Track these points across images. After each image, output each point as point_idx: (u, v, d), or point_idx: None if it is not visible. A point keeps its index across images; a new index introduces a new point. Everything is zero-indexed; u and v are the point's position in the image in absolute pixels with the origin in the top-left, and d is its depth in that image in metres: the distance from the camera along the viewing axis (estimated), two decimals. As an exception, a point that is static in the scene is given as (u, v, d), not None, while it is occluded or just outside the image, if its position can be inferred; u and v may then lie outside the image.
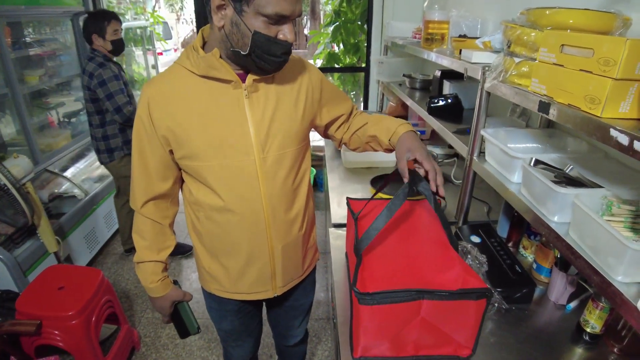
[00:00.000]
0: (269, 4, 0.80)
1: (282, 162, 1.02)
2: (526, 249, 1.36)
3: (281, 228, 1.08)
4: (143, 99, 0.95)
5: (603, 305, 0.98)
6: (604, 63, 0.70)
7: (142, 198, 1.05)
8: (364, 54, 3.55)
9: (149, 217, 1.07)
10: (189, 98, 0.94)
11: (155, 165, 1.00)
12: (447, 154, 2.20)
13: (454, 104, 1.74)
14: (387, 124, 1.09)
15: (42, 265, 2.11)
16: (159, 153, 0.99)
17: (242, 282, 1.13)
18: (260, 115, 0.97)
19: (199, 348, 2.10)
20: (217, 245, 1.09)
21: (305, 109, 1.05)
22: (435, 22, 1.80)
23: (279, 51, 0.87)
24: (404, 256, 0.96)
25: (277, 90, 1.00)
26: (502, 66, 1.04)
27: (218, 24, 0.86)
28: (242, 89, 0.95)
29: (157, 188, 1.04)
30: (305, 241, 1.19)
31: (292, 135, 1.02)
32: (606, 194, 0.85)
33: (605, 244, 0.74)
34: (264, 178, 1.00)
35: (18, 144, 2.58)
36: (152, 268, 1.10)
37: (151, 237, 1.09)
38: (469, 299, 0.82)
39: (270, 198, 1.02)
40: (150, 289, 1.12)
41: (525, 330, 1.06)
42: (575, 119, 0.76)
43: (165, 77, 0.97)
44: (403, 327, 0.86)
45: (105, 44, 2.25)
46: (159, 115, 0.94)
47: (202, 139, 0.95)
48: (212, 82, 0.94)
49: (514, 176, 1.08)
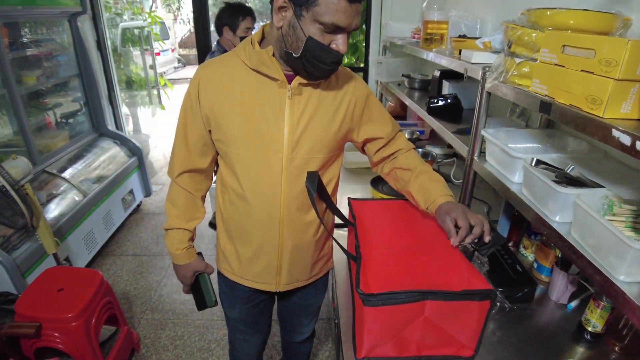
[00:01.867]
0: (328, 13, 0.83)
1: (307, 166, 1.04)
2: (527, 248, 1.37)
3: (295, 229, 1.10)
4: (195, 78, 1.01)
5: (604, 305, 0.98)
6: (605, 64, 0.70)
7: (179, 168, 1.11)
8: (362, 54, 3.55)
9: (184, 187, 1.13)
10: (236, 86, 0.98)
11: (195, 141, 1.06)
12: (446, 153, 2.20)
13: (454, 104, 1.75)
14: (429, 187, 1.05)
15: (41, 267, 2.10)
16: (200, 130, 1.04)
17: (250, 270, 1.17)
18: (298, 117, 0.99)
19: (199, 349, 2.09)
20: (233, 229, 1.14)
21: (343, 121, 1.06)
22: (435, 22, 1.81)
23: (329, 59, 0.90)
24: (408, 256, 0.96)
25: (320, 97, 1.01)
26: (503, 66, 1.05)
27: (277, 24, 0.90)
28: (286, 89, 0.98)
29: (194, 162, 1.10)
30: (319, 248, 1.20)
31: (323, 143, 1.04)
32: (607, 193, 0.86)
33: (607, 243, 0.74)
34: (287, 177, 1.03)
35: (16, 145, 2.56)
36: (180, 236, 1.15)
37: (183, 206, 1.15)
38: (472, 300, 0.82)
39: (289, 197, 1.05)
40: (175, 255, 1.17)
41: (526, 329, 1.07)
42: (576, 119, 0.77)
43: (219, 61, 1.02)
44: (406, 327, 0.86)
45: (234, 39, 2.17)
46: (206, 96, 0.99)
47: (238, 127, 0.99)
48: (261, 77, 0.97)
49: (515, 176, 1.08)
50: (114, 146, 3.29)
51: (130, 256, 2.90)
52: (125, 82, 4.66)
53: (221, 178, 1.12)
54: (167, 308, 2.38)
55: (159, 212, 3.54)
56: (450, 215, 0.95)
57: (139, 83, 4.79)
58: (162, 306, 2.40)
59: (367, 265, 0.93)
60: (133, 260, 2.85)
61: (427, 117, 1.80)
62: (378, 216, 1.13)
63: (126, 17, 4.61)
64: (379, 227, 1.08)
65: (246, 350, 1.44)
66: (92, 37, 3.23)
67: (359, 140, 1.15)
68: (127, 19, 4.66)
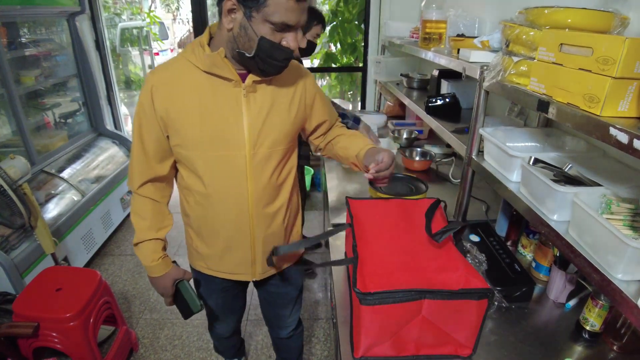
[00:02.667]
0: (277, 12, 0.86)
1: (270, 159, 1.08)
2: (525, 247, 1.37)
3: (264, 220, 1.14)
4: (147, 85, 1.00)
5: (602, 304, 0.98)
6: (603, 62, 0.70)
7: (140, 179, 1.10)
8: (361, 54, 3.55)
9: (148, 196, 1.12)
10: (190, 90, 0.99)
11: (154, 149, 1.06)
12: (444, 153, 2.20)
13: (452, 103, 1.75)
14: (358, 141, 1.20)
15: (40, 266, 2.09)
16: (158, 137, 1.04)
17: (224, 263, 1.21)
18: (256, 114, 1.02)
19: (198, 349, 2.09)
20: (203, 228, 1.16)
21: (298, 112, 1.12)
22: (433, 21, 1.80)
23: (281, 56, 0.93)
24: (405, 254, 0.96)
25: (274, 92, 1.05)
26: (501, 65, 1.05)
27: (227, 26, 0.91)
28: (241, 88, 1.00)
29: (155, 170, 1.09)
30: (288, 233, 1.26)
31: (282, 135, 1.08)
32: (605, 192, 0.85)
33: (605, 242, 0.74)
34: (251, 172, 1.06)
35: (14, 145, 2.56)
36: (153, 246, 1.14)
37: (151, 216, 1.13)
38: (470, 299, 0.82)
39: (255, 191, 1.09)
40: (151, 267, 1.15)
41: (525, 328, 1.07)
42: (574, 117, 0.77)
43: (169, 66, 1.02)
44: (404, 326, 0.86)
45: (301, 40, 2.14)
46: (160, 102, 0.99)
47: (198, 131, 1.00)
48: (214, 78, 0.99)
49: (513, 175, 1.08)
50: (112, 146, 3.29)
51: (129, 256, 2.89)
52: (124, 82, 4.66)
53: (182, 182, 1.12)
54: (165, 308, 2.38)
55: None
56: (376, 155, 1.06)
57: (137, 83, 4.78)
58: (160, 306, 2.40)
59: (364, 264, 0.92)
60: (132, 260, 2.84)
61: (425, 116, 1.80)
62: (376, 215, 1.13)
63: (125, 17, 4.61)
64: (377, 226, 1.08)
65: (224, 329, 1.55)
66: (90, 37, 3.23)
67: (310, 129, 1.23)
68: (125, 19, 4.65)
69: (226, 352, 1.73)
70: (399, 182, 1.72)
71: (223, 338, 1.61)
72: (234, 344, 1.71)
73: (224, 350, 1.72)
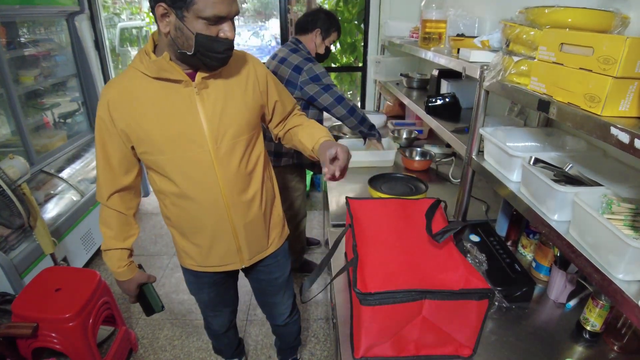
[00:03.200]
0: (207, 7, 0.88)
1: (234, 150, 1.11)
2: (525, 247, 1.37)
3: (240, 208, 1.18)
4: (103, 100, 1.03)
5: (603, 304, 0.98)
6: (604, 61, 0.70)
7: (107, 191, 1.14)
8: (361, 54, 3.55)
9: (115, 208, 1.16)
10: (145, 98, 1.02)
11: (118, 161, 1.09)
12: (444, 153, 2.20)
13: (452, 103, 1.75)
14: (314, 132, 1.20)
15: (39, 267, 2.09)
16: (120, 149, 1.07)
17: (212, 257, 1.25)
18: (212, 109, 1.06)
19: (197, 349, 2.09)
20: (184, 226, 1.21)
21: (254, 98, 1.14)
22: (433, 21, 1.80)
23: (221, 48, 0.95)
24: (405, 254, 0.96)
25: (225, 85, 1.08)
26: (501, 65, 1.04)
27: (164, 30, 0.94)
28: (192, 87, 1.03)
29: (121, 181, 1.13)
30: (267, 218, 1.30)
31: (242, 125, 1.11)
32: (606, 192, 0.85)
33: (605, 242, 0.74)
34: (219, 165, 1.10)
35: (13, 145, 2.55)
36: (119, 255, 1.21)
37: (117, 227, 1.19)
38: (471, 299, 0.82)
39: (226, 183, 1.12)
40: (117, 273, 1.23)
41: (525, 328, 1.06)
42: (575, 117, 0.76)
43: (122, 79, 1.05)
44: (404, 327, 0.86)
45: (320, 45, 2.08)
46: (119, 115, 1.02)
47: (160, 135, 1.04)
48: (165, 83, 1.02)
49: (514, 175, 1.08)
50: (112, 146, 3.28)
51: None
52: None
53: (155, 186, 1.16)
54: (165, 308, 2.37)
55: (157, 212, 3.52)
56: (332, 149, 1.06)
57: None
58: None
59: (364, 264, 0.92)
60: (131, 260, 2.83)
61: (425, 116, 1.80)
62: (376, 215, 1.13)
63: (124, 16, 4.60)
64: (377, 226, 1.08)
65: (219, 323, 1.58)
66: (90, 36, 3.22)
67: (267, 115, 1.25)
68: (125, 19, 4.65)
69: (225, 350, 1.74)
70: (399, 182, 1.72)
71: (220, 334, 1.64)
72: (231, 341, 1.72)
73: (223, 348, 1.73)
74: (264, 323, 2.25)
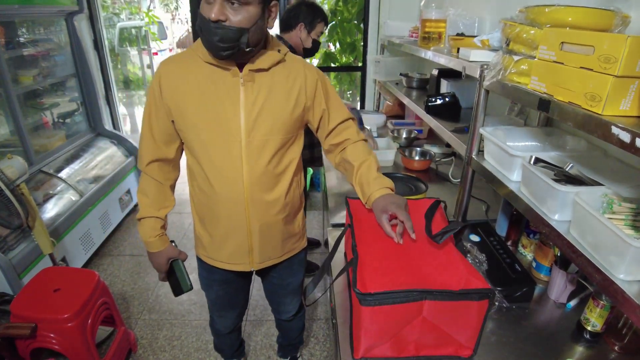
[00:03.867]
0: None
1: (265, 147, 1.10)
2: (525, 247, 1.36)
3: (260, 207, 1.16)
4: (157, 73, 1.09)
5: (604, 304, 0.97)
6: (604, 60, 0.69)
7: (147, 158, 1.17)
8: (360, 53, 3.54)
9: (153, 176, 1.19)
10: (193, 78, 1.06)
11: (159, 131, 1.13)
12: (444, 152, 2.20)
13: (452, 102, 1.74)
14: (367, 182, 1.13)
15: (38, 267, 2.08)
16: (164, 121, 1.11)
17: (223, 251, 1.24)
18: (252, 102, 1.06)
19: (197, 350, 2.08)
20: (204, 213, 1.21)
21: (297, 101, 1.12)
22: (433, 20, 1.80)
23: (207, 30, 0.94)
24: (405, 255, 0.95)
25: (272, 81, 1.08)
26: (501, 64, 1.04)
27: None
28: (239, 77, 1.05)
29: (161, 152, 1.17)
30: (286, 226, 1.26)
31: (278, 124, 1.10)
32: (606, 192, 0.85)
33: (606, 242, 0.74)
34: (247, 159, 1.09)
35: (12, 145, 2.55)
36: (152, 224, 1.21)
37: (154, 195, 1.21)
38: (471, 300, 0.82)
39: (251, 178, 1.11)
40: (149, 243, 1.23)
41: (525, 329, 1.06)
42: (575, 116, 0.76)
43: (179, 57, 1.11)
44: (404, 327, 0.85)
45: (306, 40, 2.04)
46: (167, 89, 1.07)
47: (197, 115, 1.06)
48: (214, 68, 1.05)
49: (514, 174, 1.08)
50: (111, 146, 3.28)
51: (128, 256, 2.88)
52: (122, 81, 4.64)
53: (189, 168, 1.20)
54: (164, 308, 2.37)
55: (157, 212, 3.52)
56: (387, 212, 1.02)
57: (136, 82, 4.77)
58: (159, 306, 2.39)
59: (364, 264, 0.92)
60: (130, 260, 2.83)
61: (425, 116, 1.79)
62: (373, 218, 1.12)
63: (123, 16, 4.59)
64: (377, 226, 1.07)
65: (223, 324, 1.57)
66: (89, 36, 3.21)
67: (314, 122, 1.21)
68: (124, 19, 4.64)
69: (225, 350, 1.74)
70: (398, 182, 1.71)
71: (222, 334, 1.63)
72: (232, 342, 1.71)
73: (223, 348, 1.73)
74: (263, 323, 2.24)
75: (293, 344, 1.84)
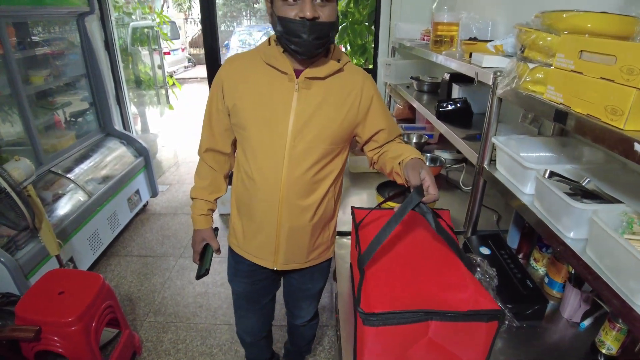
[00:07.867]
0: None
1: (308, 154, 1.11)
2: (537, 261, 1.31)
3: (292, 211, 1.17)
4: (222, 70, 1.15)
5: (620, 327, 0.92)
6: (627, 71, 0.65)
7: (205, 146, 1.26)
8: (371, 56, 3.50)
9: (208, 163, 1.28)
10: (252, 77, 1.10)
11: (217, 124, 1.20)
12: (455, 158, 2.15)
13: (463, 108, 1.69)
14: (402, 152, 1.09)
15: (45, 267, 2.09)
16: (222, 116, 1.18)
17: (251, 243, 1.28)
18: (304, 108, 1.08)
19: (201, 354, 2.07)
20: (241, 205, 1.25)
21: (348, 114, 1.12)
22: (445, 24, 1.75)
23: (299, 30, 0.95)
24: (412, 272, 0.91)
25: (327, 90, 1.09)
26: (516, 72, 1.00)
27: (271, 21, 1.01)
28: (294, 83, 1.07)
29: (217, 144, 1.24)
30: (315, 234, 1.26)
31: (325, 134, 1.10)
32: (626, 210, 0.80)
33: (625, 265, 0.69)
34: (288, 163, 1.11)
35: (22, 145, 2.56)
36: (202, 205, 1.31)
37: (208, 180, 1.30)
38: (479, 321, 0.78)
39: (288, 182, 1.13)
40: (195, 219, 1.32)
41: (536, 349, 1.02)
42: (594, 130, 0.72)
43: (243, 56, 1.16)
44: (410, 348, 0.82)
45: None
46: (229, 86, 1.12)
47: (250, 113, 1.10)
48: (274, 71, 1.08)
49: (527, 187, 1.03)
50: (120, 146, 3.29)
51: (135, 257, 2.89)
52: (134, 81, 4.65)
53: (237, 159, 1.25)
54: (170, 311, 2.36)
55: (165, 213, 3.53)
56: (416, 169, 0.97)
57: (147, 82, 4.78)
58: (165, 309, 2.38)
59: (369, 280, 0.88)
60: (138, 261, 2.84)
61: (436, 121, 1.75)
62: (381, 226, 1.09)
63: (135, 16, 4.60)
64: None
65: (244, 327, 1.57)
66: (100, 36, 3.23)
67: (363, 137, 1.20)
68: (137, 18, 4.65)
69: None
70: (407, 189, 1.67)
71: (246, 343, 1.62)
72: (261, 351, 1.70)
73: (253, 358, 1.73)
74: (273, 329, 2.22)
75: (301, 352, 1.82)
